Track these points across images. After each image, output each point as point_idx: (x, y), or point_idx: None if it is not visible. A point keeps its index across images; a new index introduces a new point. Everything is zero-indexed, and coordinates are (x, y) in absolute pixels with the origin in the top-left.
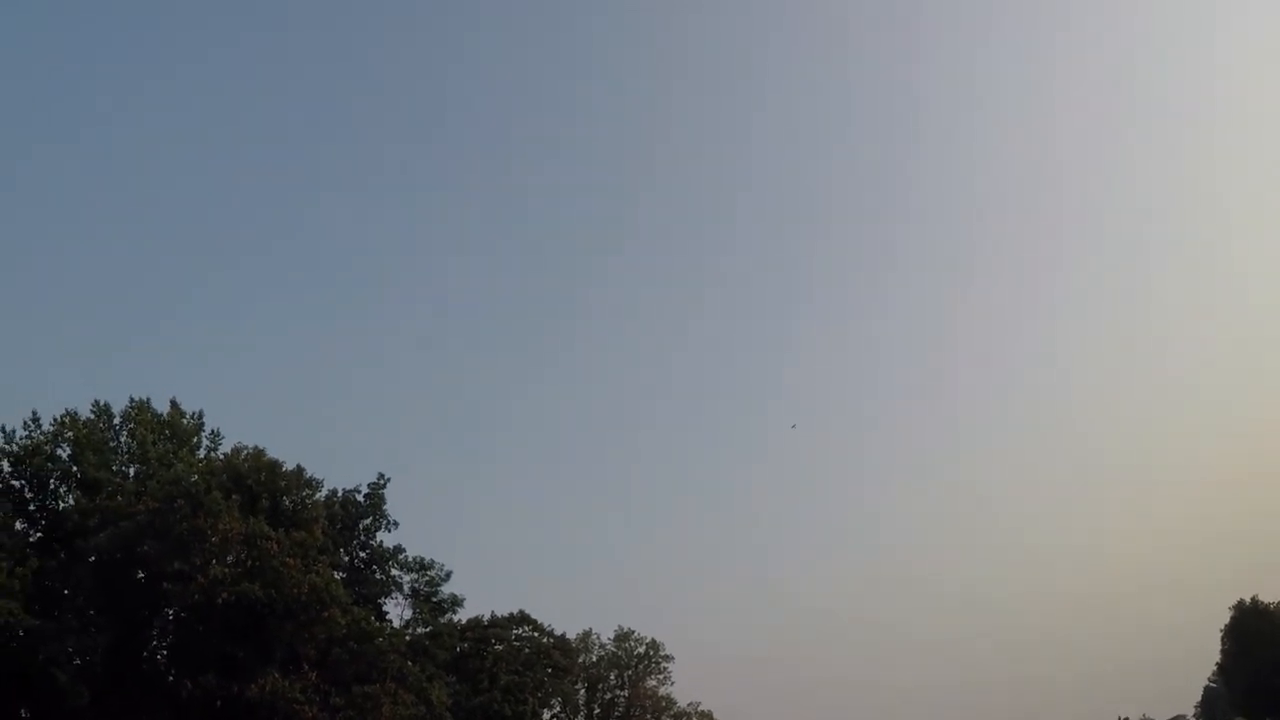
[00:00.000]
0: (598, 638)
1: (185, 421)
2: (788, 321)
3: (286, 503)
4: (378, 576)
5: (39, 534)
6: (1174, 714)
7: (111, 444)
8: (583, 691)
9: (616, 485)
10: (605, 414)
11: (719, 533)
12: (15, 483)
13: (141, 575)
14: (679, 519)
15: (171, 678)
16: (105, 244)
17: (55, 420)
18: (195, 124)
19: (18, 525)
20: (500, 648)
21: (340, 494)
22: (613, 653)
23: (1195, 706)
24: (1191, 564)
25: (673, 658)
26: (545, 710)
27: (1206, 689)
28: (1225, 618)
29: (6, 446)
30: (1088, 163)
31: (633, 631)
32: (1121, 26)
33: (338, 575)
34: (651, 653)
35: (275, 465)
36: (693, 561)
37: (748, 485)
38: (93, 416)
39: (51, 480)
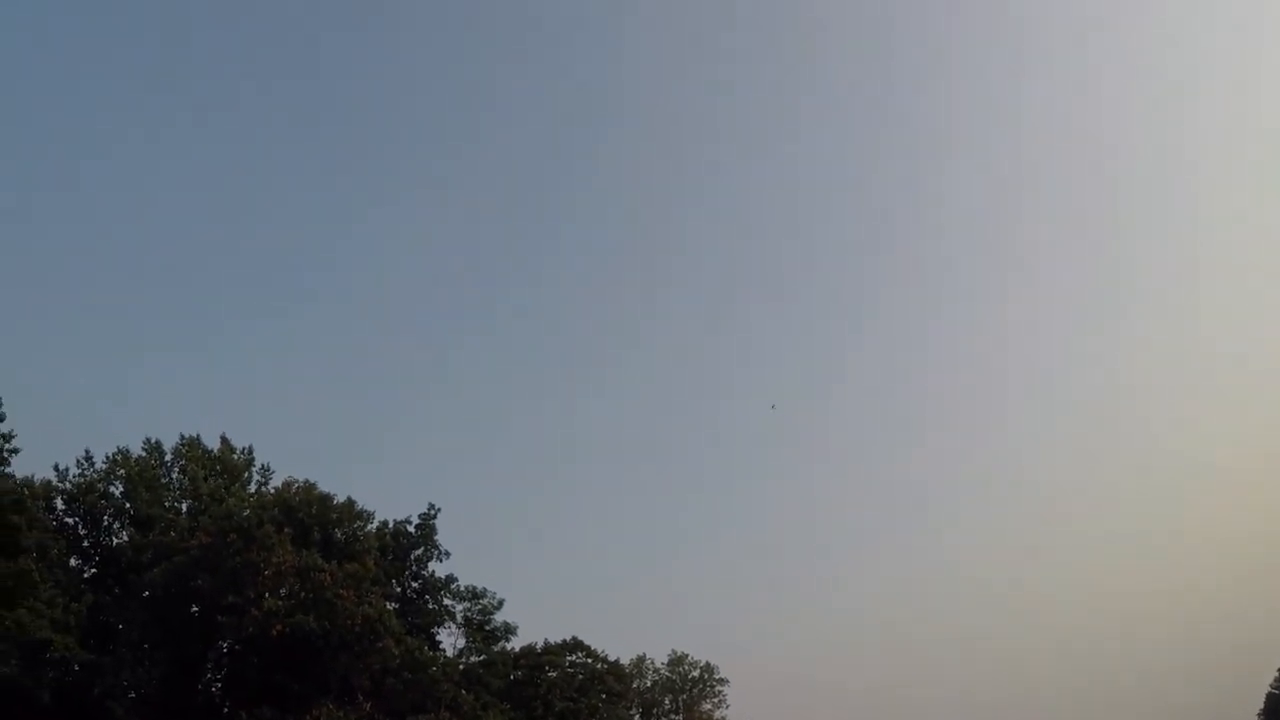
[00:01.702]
0: (651, 662)
1: (236, 457)
2: (842, 334)
3: (338, 535)
4: (430, 606)
5: (93, 570)
6: None
7: (164, 480)
8: (637, 717)
9: (668, 506)
10: (652, 434)
11: (772, 550)
12: (70, 520)
13: (195, 609)
14: (731, 538)
15: (226, 710)
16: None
17: (108, 458)
18: (225, 147)
19: (72, 562)
20: (554, 675)
21: (391, 525)
22: (667, 677)
23: (1258, 715)
24: (1259, 567)
25: (727, 680)
26: None
27: (1269, 695)
28: None
29: (60, 485)
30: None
31: (686, 655)
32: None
33: (391, 606)
34: (706, 676)
35: (326, 498)
36: (747, 580)
37: (801, 497)
38: (144, 454)
39: (105, 517)
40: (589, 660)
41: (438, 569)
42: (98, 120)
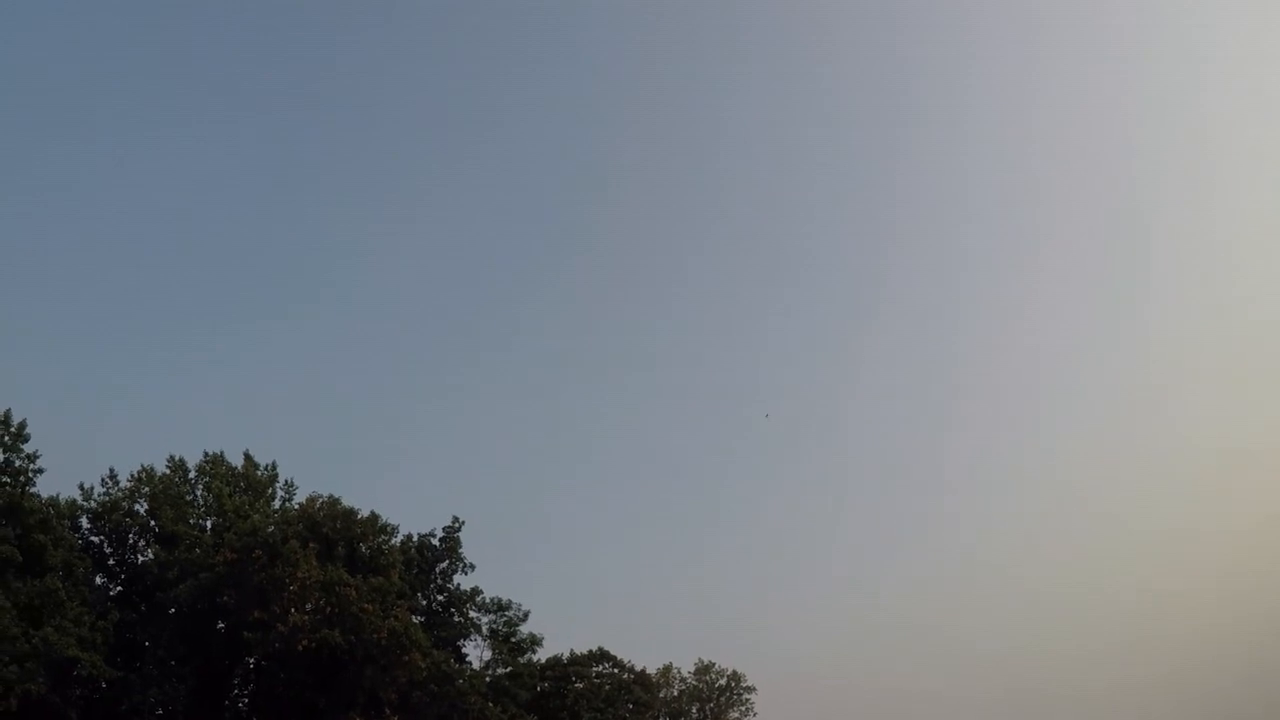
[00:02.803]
0: (678, 671)
1: (260, 473)
2: (860, 330)
3: (363, 549)
4: (456, 619)
5: (120, 588)
6: None
7: (188, 498)
8: None
9: (689, 512)
10: (674, 439)
11: (798, 554)
12: (95, 539)
13: (221, 625)
14: (756, 543)
15: None
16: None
17: (132, 476)
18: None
19: (99, 580)
20: (581, 686)
21: (416, 538)
22: (694, 686)
23: None
24: None
25: (754, 688)
26: None
27: None
28: None
29: (85, 503)
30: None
31: (713, 664)
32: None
33: (416, 619)
34: (733, 684)
35: (351, 512)
36: (773, 586)
37: (824, 499)
38: (168, 471)
39: (130, 535)
40: (616, 670)
41: (463, 581)
42: (103, 121)
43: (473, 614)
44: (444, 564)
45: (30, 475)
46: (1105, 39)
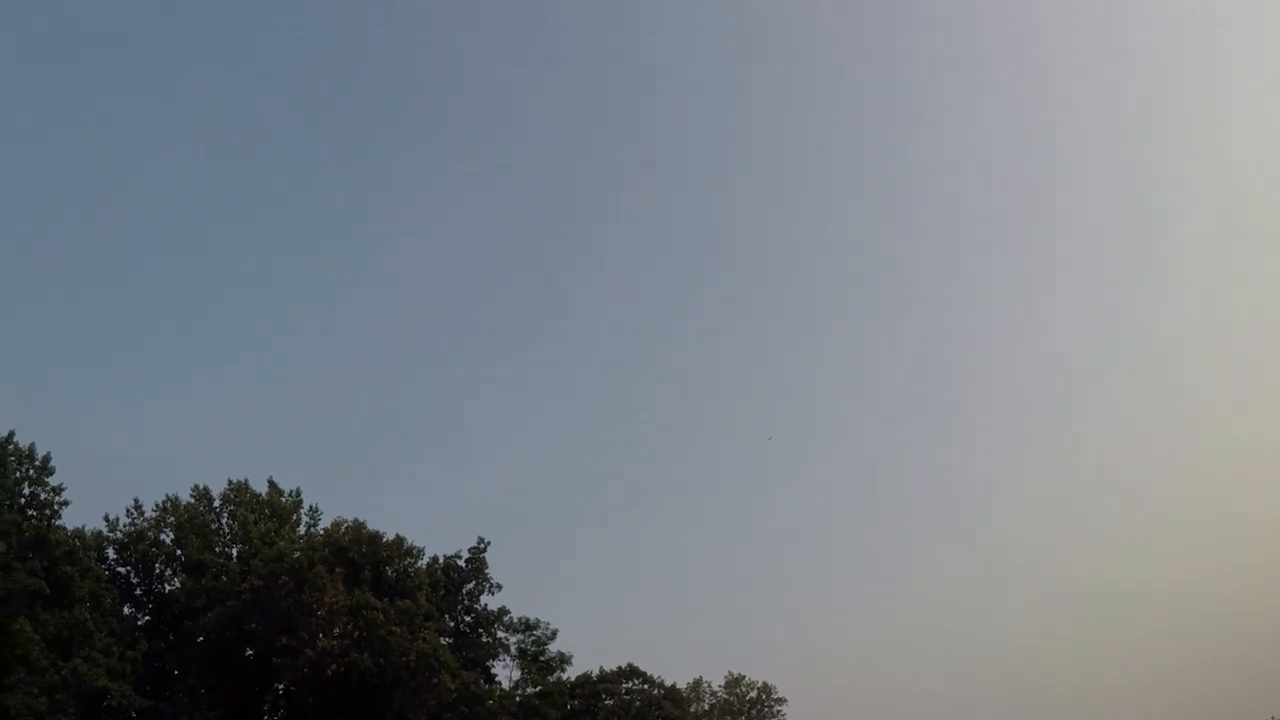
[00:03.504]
0: (709, 685)
1: (284, 500)
2: (880, 336)
3: (389, 572)
4: (484, 639)
5: (147, 617)
6: None
7: (213, 526)
8: None
9: (716, 525)
10: (699, 451)
11: (827, 565)
12: (122, 569)
13: (250, 652)
14: (785, 554)
15: None
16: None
17: (157, 506)
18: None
19: (126, 610)
20: (611, 703)
21: (442, 560)
22: (724, 699)
23: None
24: None
25: (785, 700)
26: None
27: None
28: None
29: (111, 534)
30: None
31: (743, 676)
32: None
33: (444, 640)
34: (764, 697)
35: (376, 536)
36: (801, 596)
37: (852, 509)
38: (193, 500)
39: (157, 565)
40: (645, 686)
41: (490, 602)
42: (111, 125)
43: (501, 634)
44: (471, 585)
45: (56, 508)
46: (1117, 34)
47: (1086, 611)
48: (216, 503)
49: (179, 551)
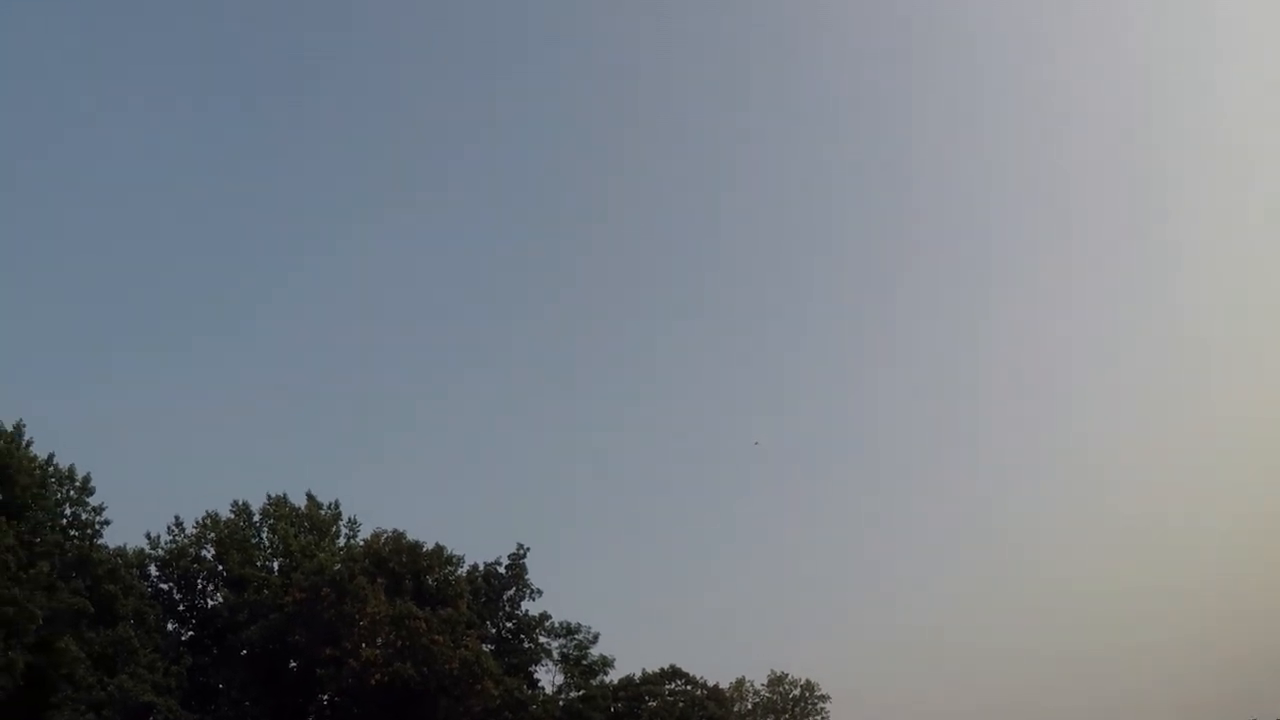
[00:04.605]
0: (751, 684)
1: (323, 512)
2: (892, 339)
3: (430, 581)
4: (526, 645)
5: (191, 632)
6: None
7: (254, 540)
8: None
9: (758, 522)
10: (735, 450)
11: (870, 562)
12: (164, 585)
13: (294, 664)
14: (825, 551)
15: None
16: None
17: (198, 523)
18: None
19: (170, 626)
20: (654, 704)
21: (482, 568)
22: (767, 698)
23: None
24: None
25: (829, 697)
26: None
27: None
28: None
29: (153, 551)
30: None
31: (786, 674)
32: None
33: (487, 647)
34: (807, 694)
35: (416, 546)
36: (843, 593)
37: (884, 505)
38: (233, 516)
39: (199, 580)
40: (688, 687)
41: (530, 607)
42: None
43: (542, 639)
44: (511, 591)
45: (97, 528)
46: (1128, 25)
47: (1092, 617)
48: (256, 517)
49: (220, 567)
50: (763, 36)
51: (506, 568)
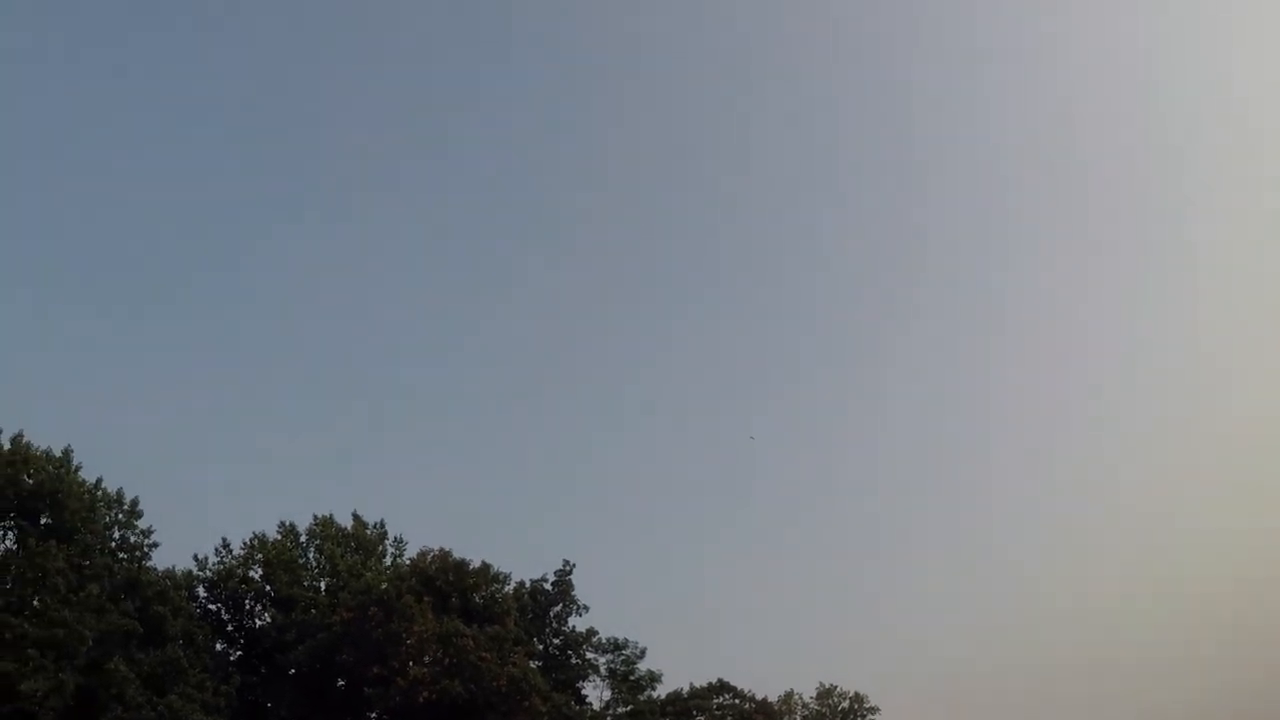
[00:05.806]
0: (800, 697)
1: (369, 532)
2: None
3: (477, 599)
4: (573, 661)
5: (239, 652)
6: None
7: (301, 561)
8: None
9: (799, 531)
10: (783, 460)
11: (918, 567)
12: (213, 606)
13: (341, 683)
14: (871, 561)
15: None
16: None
17: (245, 544)
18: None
19: (219, 646)
20: (702, 718)
21: (529, 584)
22: (816, 710)
23: None
24: None
25: (878, 709)
26: None
27: None
28: None
29: (201, 573)
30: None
31: (835, 687)
32: None
33: (534, 664)
34: (856, 706)
35: (462, 564)
36: (891, 601)
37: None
38: (279, 537)
39: (247, 601)
40: (736, 701)
41: (577, 623)
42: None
43: (590, 655)
44: (558, 607)
45: (146, 550)
46: (1142, 23)
47: (1098, 625)
48: (303, 538)
49: (268, 587)
50: (763, 28)
51: (553, 584)
